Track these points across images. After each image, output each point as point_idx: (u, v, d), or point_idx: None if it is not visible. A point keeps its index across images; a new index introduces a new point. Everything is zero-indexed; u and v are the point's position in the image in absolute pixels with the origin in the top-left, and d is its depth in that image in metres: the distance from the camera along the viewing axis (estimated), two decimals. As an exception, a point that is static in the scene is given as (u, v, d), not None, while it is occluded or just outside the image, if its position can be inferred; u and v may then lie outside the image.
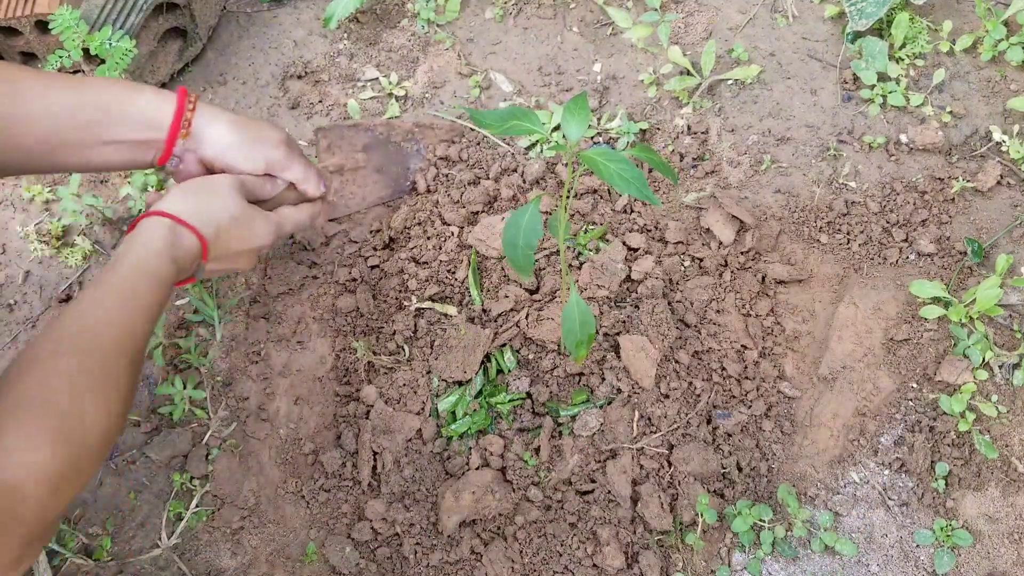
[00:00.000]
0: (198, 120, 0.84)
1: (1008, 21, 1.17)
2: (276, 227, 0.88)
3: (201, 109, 0.85)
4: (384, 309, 1.05)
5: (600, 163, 0.73)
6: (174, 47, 1.20)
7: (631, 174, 0.71)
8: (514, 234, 0.77)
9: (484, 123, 0.77)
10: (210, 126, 0.85)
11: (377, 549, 0.95)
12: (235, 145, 0.86)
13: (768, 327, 1.05)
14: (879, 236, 1.08)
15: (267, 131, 0.88)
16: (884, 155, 1.13)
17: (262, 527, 0.97)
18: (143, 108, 0.83)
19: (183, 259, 0.80)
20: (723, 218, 1.07)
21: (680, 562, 0.94)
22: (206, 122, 0.85)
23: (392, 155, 1.09)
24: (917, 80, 1.18)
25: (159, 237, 0.78)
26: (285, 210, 0.90)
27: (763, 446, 0.99)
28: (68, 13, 1.04)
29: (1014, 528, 0.94)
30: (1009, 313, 1.04)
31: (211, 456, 0.99)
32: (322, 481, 0.98)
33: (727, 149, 1.14)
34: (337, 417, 1.01)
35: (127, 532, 0.96)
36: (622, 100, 1.19)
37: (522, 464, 0.96)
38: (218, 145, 0.86)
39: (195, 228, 0.81)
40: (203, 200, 0.83)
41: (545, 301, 1.01)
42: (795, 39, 1.22)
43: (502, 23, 1.26)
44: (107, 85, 0.83)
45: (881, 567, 0.94)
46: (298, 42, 1.26)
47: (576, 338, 0.83)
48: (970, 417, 0.97)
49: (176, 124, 0.83)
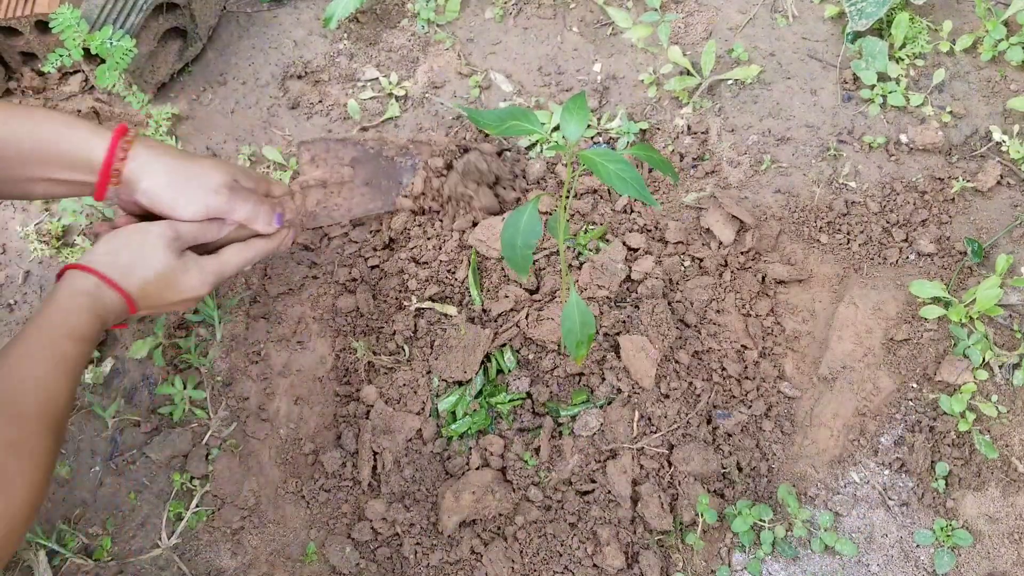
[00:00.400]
0: (132, 166, 0.80)
1: (1008, 21, 1.17)
2: (214, 275, 0.85)
3: (136, 155, 0.80)
4: (384, 309, 1.05)
5: (599, 163, 0.72)
6: (174, 47, 1.20)
7: (629, 175, 0.71)
8: (513, 234, 0.77)
9: (483, 123, 0.77)
10: (145, 174, 0.81)
11: (377, 549, 0.95)
12: (171, 193, 0.82)
13: (768, 327, 1.05)
14: (879, 236, 1.08)
15: (208, 175, 0.83)
16: (884, 155, 1.13)
17: (262, 527, 0.97)
18: (74, 150, 0.79)
19: (108, 315, 0.78)
20: (723, 218, 1.07)
21: (680, 562, 0.94)
22: (141, 170, 0.80)
23: (383, 169, 1.07)
24: (917, 80, 1.18)
25: (82, 293, 0.76)
26: (228, 253, 0.86)
27: (763, 446, 0.99)
28: (69, 12, 1.04)
29: (1014, 528, 0.94)
30: (1009, 313, 1.04)
31: (211, 456, 0.99)
32: (322, 481, 0.98)
33: (727, 149, 1.14)
34: (337, 417, 1.01)
35: (127, 532, 0.96)
36: (622, 100, 1.19)
37: (522, 464, 0.96)
38: (153, 194, 0.81)
39: (118, 286, 0.78)
40: (129, 255, 0.80)
41: (545, 301, 1.01)
42: (795, 39, 1.22)
43: (502, 23, 1.26)
44: (45, 120, 0.79)
45: (881, 567, 0.94)
46: (298, 42, 1.26)
47: (576, 338, 0.83)
48: (970, 417, 0.97)
49: (105, 173, 0.80)
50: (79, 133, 0.79)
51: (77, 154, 0.79)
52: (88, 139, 0.79)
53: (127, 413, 1.01)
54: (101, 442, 1.00)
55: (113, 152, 0.79)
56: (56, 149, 0.79)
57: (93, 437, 1.01)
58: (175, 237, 0.82)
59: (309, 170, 1.03)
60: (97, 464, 0.99)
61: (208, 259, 0.84)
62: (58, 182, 0.81)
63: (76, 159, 0.79)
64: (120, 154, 0.80)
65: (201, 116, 1.20)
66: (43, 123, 0.79)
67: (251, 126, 1.19)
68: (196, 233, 0.84)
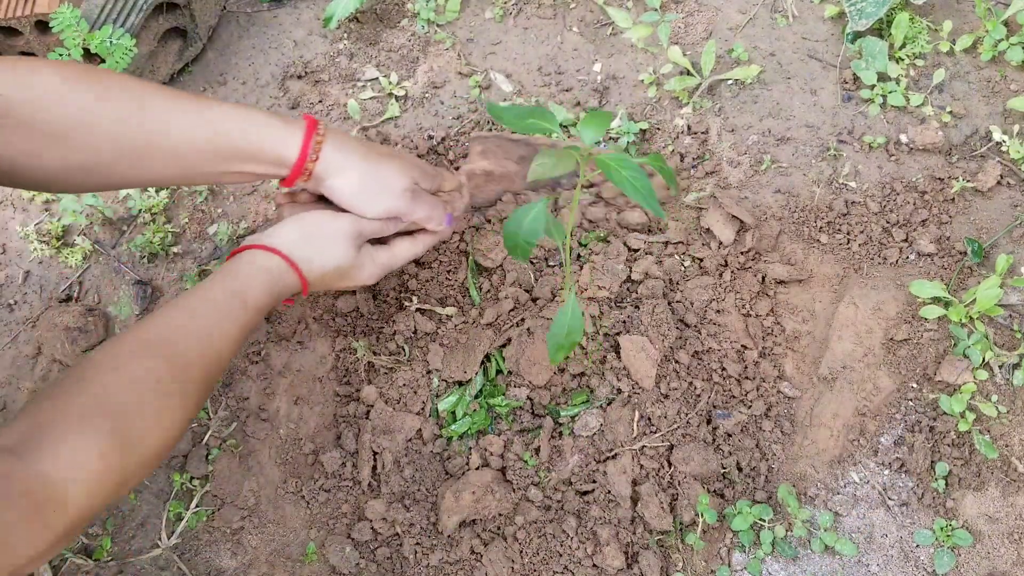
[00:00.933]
0: (322, 167, 0.84)
1: (1008, 21, 1.17)
2: (384, 268, 0.90)
3: (326, 155, 0.83)
4: (384, 309, 1.05)
5: (613, 168, 0.73)
6: (174, 47, 1.20)
7: (642, 184, 0.72)
8: (516, 224, 0.78)
9: (502, 117, 0.78)
10: (334, 174, 0.85)
11: (377, 549, 0.95)
12: (358, 195, 0.86)
13: (768, 327, 1.05)
14: (879, 236, 1.08)
15: (393, 178, 0.87)
16: (884, 155, 1.13)
17: (262, 527, 0.97)
18: (268, 149, 0.82)
19: (282, 294, 0.82)
20: (723, 218, 1.07)
21: (680, 562, 0.94)
22: (331, 169, 0.84)
23: None
24: (917, 80, 1.18)
25: (265, 270, 0.81)
26: (398, 247, 0.91)
27: (763, 446, 0.99)
28: (69, 12, 1.04)
29: (1014, 528, 0.94)
30: (1009, 313, 1.04)
31: (211, 456, 0.99)
32: (322, 481, 0.98)
33: (727, 149, 1.14)
34: (337, 417, 1.01)
35: (127, 532, 0.96)
36: (622, 100, 1.19)
37: (522, 464, 0.96)
38: (340, 193, 0.86)
39: (300, 271, 0.83)
40: (315, 245, 0.84)
41: (546, 301, 1.01)
42: (795, 39, 1.22)
43: (502, 23, 1.26)
44: (233, 114, 0.81)
45: (881, 567, 0.94)
46: (298, 42, 1.26)
47: (559, 342, 0.83)
48: (970, 417, 0.97)
49: (297, 171, 0.83)
50: (273, 131, 0.82)
51: (271, 153, 0.82)
52: (283, 138, 0.82)
53: (127, 413, 1.01)
54: (101, 442, 1.00)
55: (305, 153, 0.83)
56: (247, 145, 0.81)
57: (93, 437, 1.00)
58: (358, 234, 0.87)
59: (477, 160, 1.07)
60: (97, 464, 0.99)
61: (380, 252, 0.90)
62: (243, 175, 0.84)
63: (270, 157, 0.82)
64: (312, 155, 0.83)
65: (201, 116, 1.20)
66: (231, 117, 0.81)
67: (251, 126, 1.19)
68: (376, 230, 0.89)
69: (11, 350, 1.06)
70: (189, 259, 1.11)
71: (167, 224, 1.13)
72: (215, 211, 1.14)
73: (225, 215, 1.14)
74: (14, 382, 1.04)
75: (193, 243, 1.12)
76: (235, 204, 1.15)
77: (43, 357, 1.05)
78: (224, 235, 1.11)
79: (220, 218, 1.14)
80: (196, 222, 1.13)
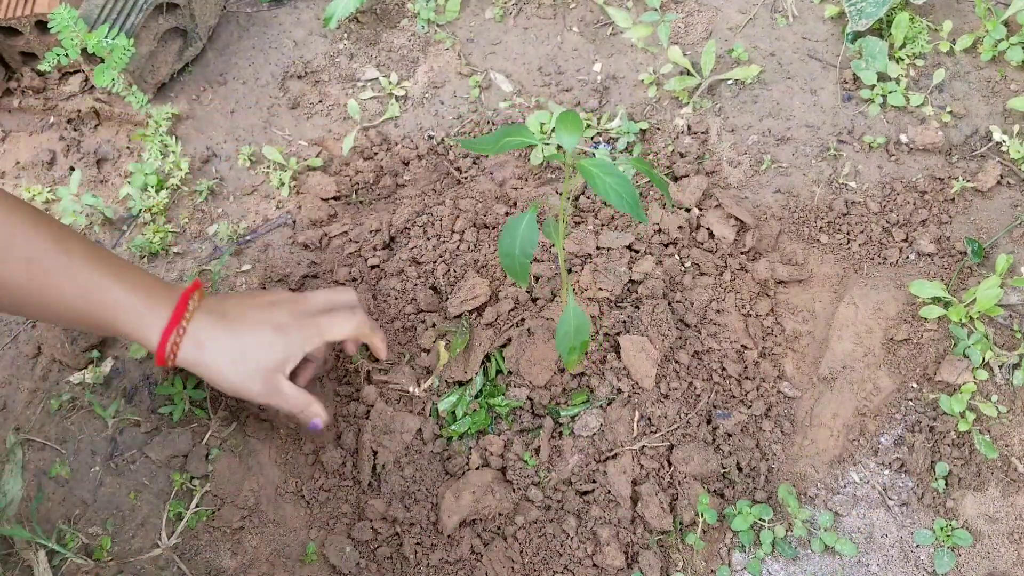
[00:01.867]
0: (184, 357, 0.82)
1: (1008, 21, 1.17)
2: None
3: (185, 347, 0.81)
4: (384, 309, 1.05)
5: (596, 175, 0.72)
6: (174, 47, 1.20)
7: (625, 190, 0.71)
8: (510, 243, 0.77)
9: (478, 148, 0.77)
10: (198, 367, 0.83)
11: (377, 549, 0.95)
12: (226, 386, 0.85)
13: (768, 327, 1.05)
14: (879, 236, 1.08)
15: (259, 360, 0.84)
16: (884, 155, 1.13)
17: (262, 527, 0.96)
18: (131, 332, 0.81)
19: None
20: (723, 218, 1.07)
21: (680, 562, 0.94)
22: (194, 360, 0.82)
23: None
24: (917, 80, 1.18)
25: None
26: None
27: (763, 446, 0.99)
28: (67, 12, 1.04)
29: (1014, 528, 0.94)
30: (1009, 313, 1.04)
31: (211, 456, 0.99)
32: (322, 481, 0.98)
33: (727, 149, 1.14)
34: (337, 417, 1.01)
35: (127, 532, 0.96)
36: (622, 100, 1.19)
37: (522, 464, 0.96)
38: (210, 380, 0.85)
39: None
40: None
41: (546, 301, 1.01)
42: (795, 39, 1.22)
43: (502, 23, 1.26)
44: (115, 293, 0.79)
45: (881, 567, 0.94)
46: (298, 42, 1.26)
47: (569, 343, 0.83)
48: (970, 417, 0.97)
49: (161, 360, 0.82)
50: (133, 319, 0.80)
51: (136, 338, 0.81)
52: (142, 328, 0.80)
53: (127, 413, 1.01)
54: (101, 442, 1.00)
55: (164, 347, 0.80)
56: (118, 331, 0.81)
57: (93, 437, 1.01)
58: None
59: None
60: (97, 464, 0.99)
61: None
62: None
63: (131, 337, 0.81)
64: (171, 352, 0.81)
65: (201, 116, 1.20)
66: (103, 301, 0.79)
67: (251, 126, 1.19)
68: None
69: (11, 350, 1.06)
70: (189, 259, 1.11)
71: (167, 224, 1.13)
72: (215, 211, 1.14)
73: (225, 215, 1.14)
74: (14, 382, 1.04)
75: (193, 243, 1.12)
76: (235, 204, 1.15)
77: (43, 357, 1.05)
78: (224, 235, 1.11)
79: (220, 218, 1.14)
80: (196, 222, 1.13)
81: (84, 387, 1.03)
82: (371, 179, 1.14)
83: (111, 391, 1.03)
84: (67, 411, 1.02)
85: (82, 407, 1.02)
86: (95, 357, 1.04)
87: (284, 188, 1.14)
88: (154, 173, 1.13)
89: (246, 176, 1.16)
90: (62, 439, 1.00)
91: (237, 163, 1.17)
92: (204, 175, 1.16)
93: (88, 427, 1.01)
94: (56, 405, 1.02)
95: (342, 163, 1.16)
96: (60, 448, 1.00)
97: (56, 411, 1.02)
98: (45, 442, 1.00)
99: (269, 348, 0.84)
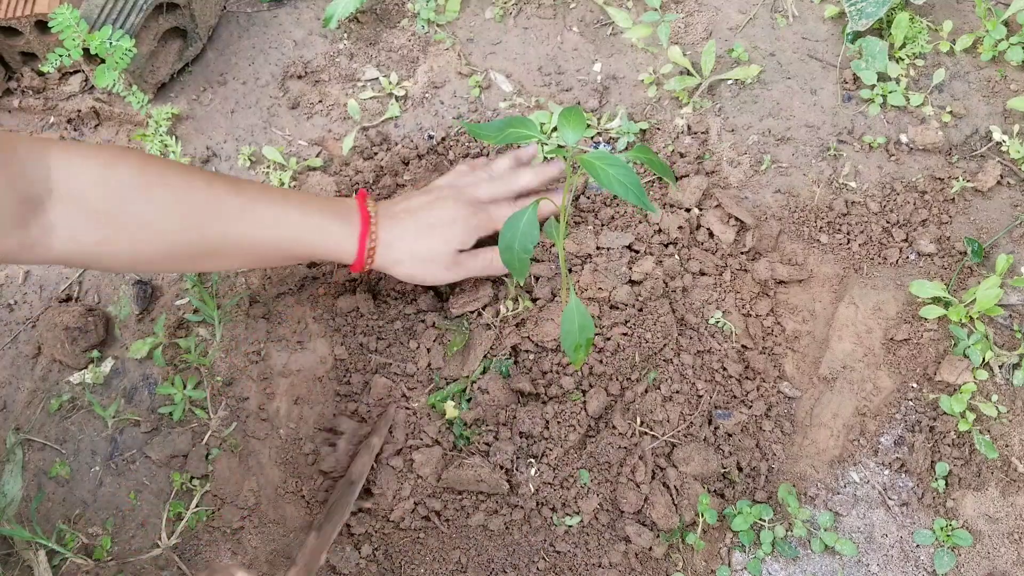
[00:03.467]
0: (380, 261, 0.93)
1: (1008, 21, 1.17)
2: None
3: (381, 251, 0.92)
4: (384, 309, 1.05)
5: (599, 168, 0.72)
6: (174, 47, 1.20)
7: (630, 180, 0.71)
8: (511, 238, 0.77)
9: (482, 134, 0.78)
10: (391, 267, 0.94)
11: (377, 549, 0.95)
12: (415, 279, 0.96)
13: (768, 327, 1.05)
14: (879, 236, 1.08)
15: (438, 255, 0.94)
16: (884, 155, 1.13)
17: (262, 527, 0.96)
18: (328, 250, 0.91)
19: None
20: (723, 218, 1.07)
21: (680, 562, 0.94)
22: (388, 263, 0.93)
23: None
24: (917, 80, 1.18)
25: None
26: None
27: (763, 446, 0.99)
28: (68, 12, 1.04)
29: (1014, 528, 0.94)
30: (1009, 313, 1.04)
31: (211, 456, 0.99)
32: (322, 481, 0.98)
33: (727, 149, 1.14)
34: (337, 417, 1.01)
35: (127, 532, 0.96)
36: (622, 100, 1.19)
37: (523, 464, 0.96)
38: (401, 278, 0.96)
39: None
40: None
41: (546, 301, 1.01)
42: (795, 39, 1.22)
43: (502, 23, 1.26)
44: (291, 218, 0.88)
45: (881, 567, 0.94)
46: (298, 42, 1.26)
47: (575, 341, 0.83)
48: (970, 417, 0.97)
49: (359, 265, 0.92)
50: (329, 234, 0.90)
51: (333, 255, 0.91)
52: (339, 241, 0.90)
53: (127, 413, 1.01)
54: (101, 442, 1.00)
55: (362, 253, 0.91)
56: (312, 251, 0.91)
57: (93, 437, 1.01)
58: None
59: None
60: (97, 464, 0.99)
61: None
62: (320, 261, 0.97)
63: (333, 256, 0.92)
64: (368, 257, 0.92)
65: (201, 116, 1.20)
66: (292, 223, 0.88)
67: (251, 126, 1.19)
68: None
69: (11, 350, 1.06)
70: (189, 259, 1.11)
71: (167, 224, 1.13)
72: (215, 211, 1.14)
73: (225, 215, 1.14)
74: (14, 382, 1.04)
75: (193, 243, 1.12)
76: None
77: (43, 357, 1.05)
78: (224, 235, 1.11)
79: (220, 218, 1.14)
80: (196, 222, 1.13)
81: (84, 387, 1.03)
82: (371, 179, 1.14)
83: (111, 391, 1.03)
84: (67, 411, 1.02)
85: (82, 407, 1.02)
86: (95, 357, 1.04)
87: (284, 188, 1.14)
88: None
89: (246, 176, 1.16)
90: (62, 439, 1.01)
91: (237, 163, 1.17)
92: (204, 175, 1.16)
93: (88, 427, 1.01)
94: (56, 405, 1.02)
95: (342, 163, 1.16)
96: (60, 448, 1.00)
97: (56, 411, 1.02)
98: (45, 442, 1.00)
99: (446, 242, 0.93)
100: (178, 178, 0.83)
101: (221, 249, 0.85)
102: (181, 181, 0.83)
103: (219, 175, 0.88)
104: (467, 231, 0.94)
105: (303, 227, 0.88)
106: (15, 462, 0.98)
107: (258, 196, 0.87)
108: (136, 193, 0.79)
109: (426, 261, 0.93)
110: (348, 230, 0.90)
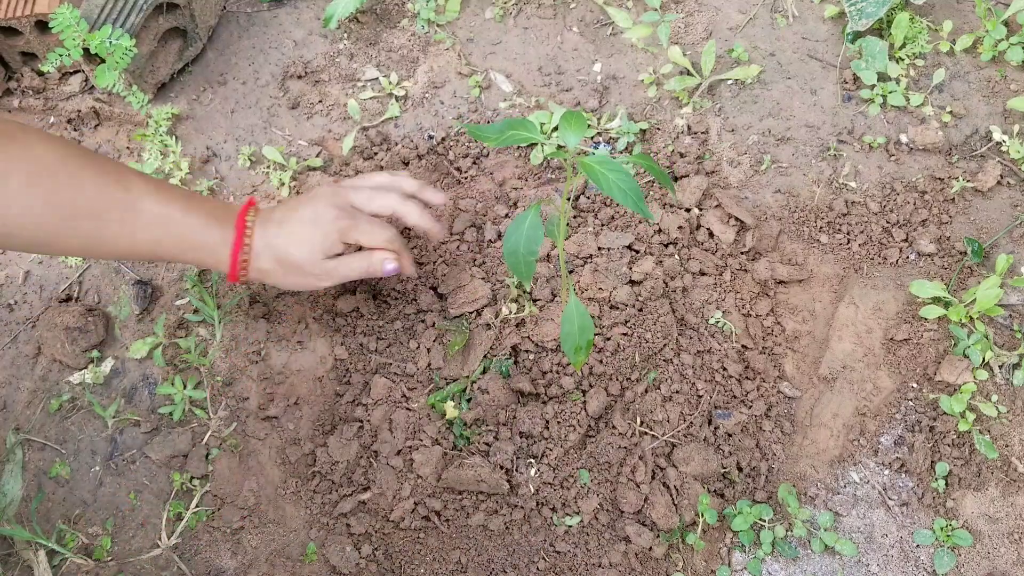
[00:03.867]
0: (254, 272, 0.89)
1: (1008, 21, 1.17)
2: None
3: (255, 261, 0.88)
4: (384, 309, 1.05)
5: (599, 172, 0.72)
6: (174, 47, 1.20)
7: (629, 186, 0.71)
8: (515, 241, 0.77)
9: (483, 136, 0.78)
10: (264, 276, 0.90)
11: (377, 548, 0.95)
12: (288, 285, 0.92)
13: (768, 327, 1.05)
14: (879, 236, 1.08)
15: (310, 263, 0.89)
16: (884, 155, 1.13)
17: (262, 527, 0.96)
18: (202, 258, 0.87)
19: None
20: (723, 218, 1.07)
21: (680, 562, 0.94)
22: (261, 272, 0.89)
23: None
24: (917, 80, 1.18)
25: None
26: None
27: (763, 446, 0.99)
28: (68, 12, 1.04)
29: (1014, 528, 0.94)
30: (1009, 313, 1.04)
31: (211, 456, 0.99)
32: (322, 481, 0.98)
33: (727, 149, 1.14)
34: (337, 417, 1.01)
35: (127, 532, 0.96)
36: (622, 100, 1.19)
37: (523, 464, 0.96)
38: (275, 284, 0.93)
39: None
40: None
41: (546, 301, 1.01)
42: (795, 39, 1.22)
43: (502, 23, 1.26)
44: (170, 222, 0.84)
45: (881, 567, 0.94)
46: (298, 42, 1.26)
47: (575, 342, 0.83)
48: (970, 417, 0.97)
49: (233, 276, 0.88)
50: (204, 246, 0.86)
51: (207, 264, 0.88)
52: (214, 248, 0.86)
53: (127, 413, 1.01)
54: (101, 442, 1.00)
55: (235, 267, 0.87)
56: (188, 258, 0.87)
57: (93, 437, 1.01)
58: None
59: None
60: (97, 464, 0.99)
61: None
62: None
63: (207, 266, 0.89)
64: (242, 270, 0.88)
65: (201, 116, 1.20)
66: (170, 228, 0.84)
67: (251, 126, 1.19)
68: None
69: (11, 350, 1.06)
70: (189, 259, 1.11)
71: (167, 224, 1.13)
72: (215, 211, 1.14)
73: (225, 215, 1.14)
74: (14, 382, 1.04)
75: (193, 243, 1.12)
76: (236, 203, 1.15)
77: (43, 357, 1.05)
78: (224, 235, 1.11)
79: (220, 218, 1.14)
80: (196, 222, 1.13)
81: (84, 387, 1.03)
82: (371, 179, 1.14)
83: (111, 391, 1.03)
84: (67, 411, 1.02)
85: (82, 407, 1.02)
86: (95, 357, 1.04)
87: (284, 188, 1.14)
88: (154, 173, 1.13)
89: (246, 176, 1.16)
90: (62, 439, 1.01)
91: (237, 163, 1.17)
92: (204, 175, 1.16)
93: (88, 427, 1.01)
94: (56, 405, 1.02)
95: (342, 163, 1.16)
96: (60, 448, 1.00)
97: (56, 411, 1.02)
98: (45, 442, 1.00)
99: (308, 243, 0.88)
100: (66, 171, 0.79)
101: (96, 246, 0.83)
102: (68, 175, 0.79)
103: (113, 165, 0.83)
104: (329, 234, 0.88)
105: (183, 229, 0.84)
106: (15, 462, 0.98)
107: (143, 196, 0.83)
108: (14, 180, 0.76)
109: (295, 270, 0.88)
110: (225, 237, 0.86)
